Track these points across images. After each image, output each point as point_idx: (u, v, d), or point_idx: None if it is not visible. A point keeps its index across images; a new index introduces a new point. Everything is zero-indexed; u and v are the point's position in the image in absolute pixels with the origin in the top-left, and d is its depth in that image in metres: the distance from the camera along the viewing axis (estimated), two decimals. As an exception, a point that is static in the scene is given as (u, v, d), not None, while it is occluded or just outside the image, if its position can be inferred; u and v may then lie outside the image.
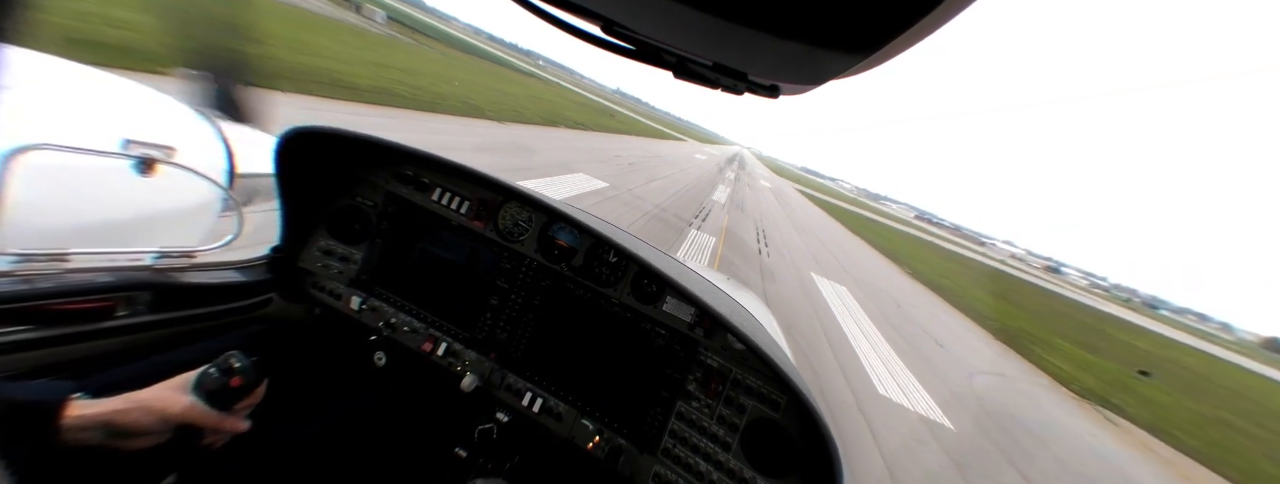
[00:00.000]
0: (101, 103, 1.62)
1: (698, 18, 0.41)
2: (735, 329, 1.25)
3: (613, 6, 0.51)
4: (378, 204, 1.72)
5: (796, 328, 7.72)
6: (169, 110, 1.81)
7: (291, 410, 1.65)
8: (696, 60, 0.57)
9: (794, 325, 7.77)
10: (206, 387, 0.92)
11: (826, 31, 0.38)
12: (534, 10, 0.58)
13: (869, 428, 5.43)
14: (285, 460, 1.60)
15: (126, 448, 0.83)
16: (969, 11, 0.35)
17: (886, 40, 0.36)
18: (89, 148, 1.29)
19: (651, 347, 1.48)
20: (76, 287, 1.14)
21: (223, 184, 1.69)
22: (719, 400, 1.40)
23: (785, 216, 26.73)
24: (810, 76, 0.52)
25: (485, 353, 1.62)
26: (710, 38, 0.48)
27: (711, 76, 0.58)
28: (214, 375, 0.93)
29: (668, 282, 1.32)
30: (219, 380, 0.93)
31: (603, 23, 0.56)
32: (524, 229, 1.62)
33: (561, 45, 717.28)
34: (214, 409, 0.92)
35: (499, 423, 1.61)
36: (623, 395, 1.49)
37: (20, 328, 1.05)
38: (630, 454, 1.44)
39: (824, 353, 7.29)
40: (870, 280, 16.52)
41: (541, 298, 1.59)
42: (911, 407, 6.54)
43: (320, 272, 1.73)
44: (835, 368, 6.90)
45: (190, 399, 0.89)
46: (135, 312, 1.26)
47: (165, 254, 1.37)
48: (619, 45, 0.58)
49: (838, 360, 7.24)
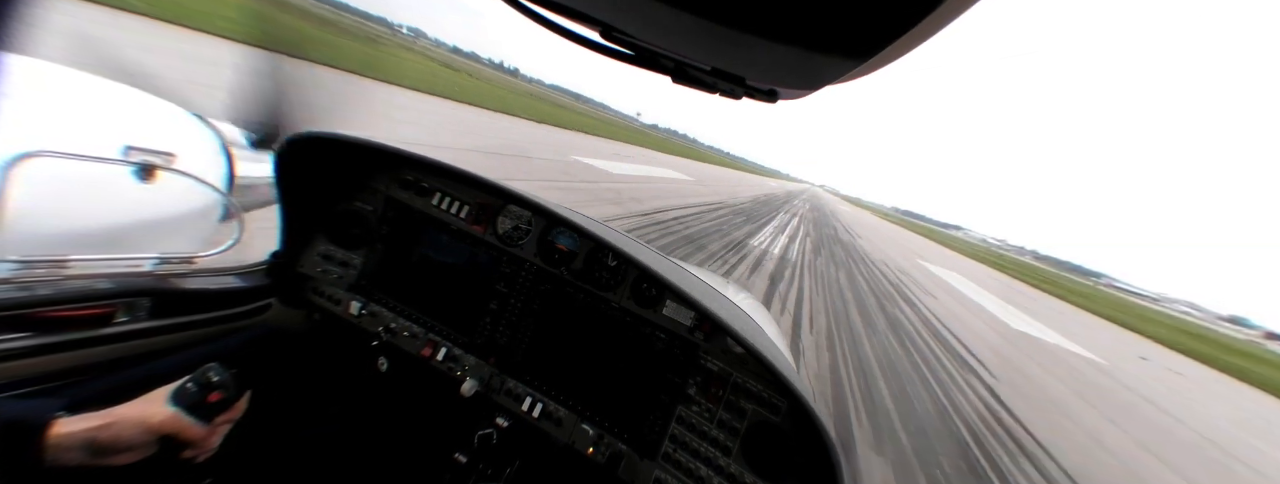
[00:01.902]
0: (102, 109, 1.63)
1: (695, 23, 0.41)
2: (735, 333, 1.25)
3: (611, 12, 0.51)
4: (378, 209, 1.72)
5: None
6: (169, 116, 1.81)
7: (290, 416, 1.65)
8: (694, 65, 0.57)
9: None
10: (185, 400, 0.91)
11: (823, 36, 0.39)
12: (533, 17, 0.59)
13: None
14: (284, 465, 1.59)
15: (111, 464, 0.82)
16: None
17: (882, 45, 0.37)
18: (89, 154, 1.29)
19: (651, 351, 1.48)
20: (76, 293, 1.14)
21: (223, 190, 1.69)
22: (719, 405, 1.39)
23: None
24: (807, 81, 0.52)
25: (485, 358, 1.61)
26: (708, 42, 0.48)
27: (709, 81, 0.59)
28: (192, 390, 0.92)
29: (667, 285, 1.32)
30: (197, 394, 0.92)
31: (601, 28, 0.56)
32: (524, 233, 1.62)
33: (599, 81, 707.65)
34: (196, 420, 0.91)
35: (499, 428, 1.61)
36: (623, 400, 1.49)
37: (20, 335, 1.05)
38: (630, 459, 1.44)
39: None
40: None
41: (541, 302, 1.59)
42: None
43: (320, 277, 1.73)
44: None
45: (171, 410, 0.89)
46: (135, 318, 1.26)
47: (165, 260, 1.37)
48: (617, 50, 0.59)
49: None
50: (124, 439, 0.82)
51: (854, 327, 9.03)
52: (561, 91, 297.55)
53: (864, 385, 6.25)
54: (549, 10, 0.56)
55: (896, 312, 11.82)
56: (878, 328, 9.58)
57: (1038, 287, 47.42)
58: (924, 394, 6.78)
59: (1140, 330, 34.07)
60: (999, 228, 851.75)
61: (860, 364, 7.02)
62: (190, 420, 0.90)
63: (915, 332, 10.37)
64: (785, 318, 7.82)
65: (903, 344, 8.99)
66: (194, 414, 0.91)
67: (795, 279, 11.09)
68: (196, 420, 0.91)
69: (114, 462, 0.82)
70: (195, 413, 0.91)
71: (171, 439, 0.87)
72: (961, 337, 11.31)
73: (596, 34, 0.58)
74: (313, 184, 1.64)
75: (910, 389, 6.78)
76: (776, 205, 32.17)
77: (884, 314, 11.05)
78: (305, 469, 1.61)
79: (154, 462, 0.87)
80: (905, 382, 7.00)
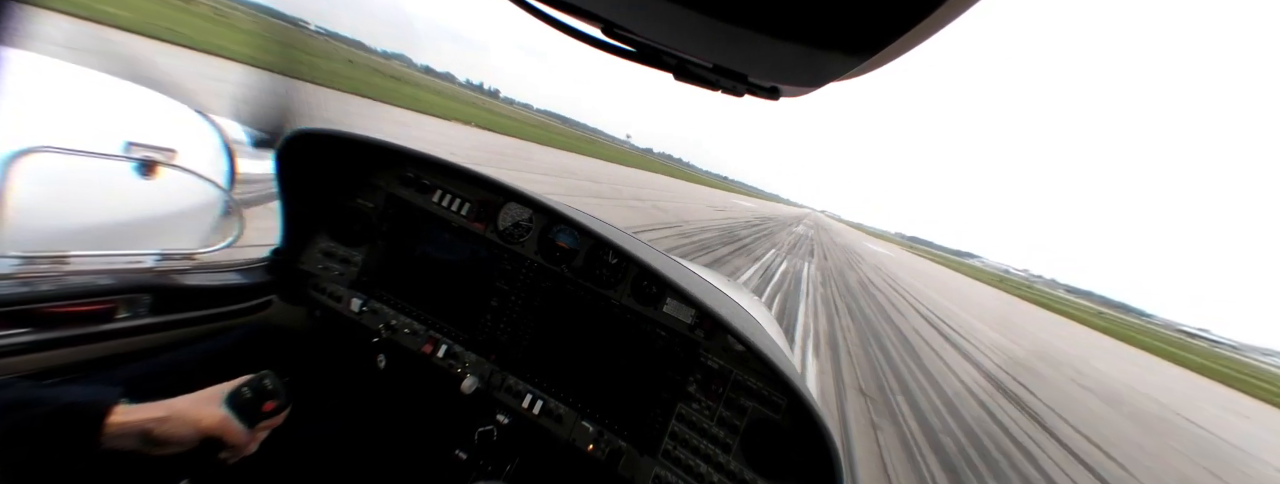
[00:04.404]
0: (103, 105, 1.63)
1: (698, 20, 0.41)
2: (735, 330, 1.25)
3: (613, 9, 0.51)
4: (379, 206, 1.72)
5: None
6: (170, 112, 1.81)
7: (291, 413, 1.65)
8: (697, 62, 0.57)
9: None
10: (239, 403, 0.92)
11: (825, 33, 0.39)
12: (535, 13, 0.58)
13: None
14: (285, 463, 1.60)
15: (154, 455, 0.83)
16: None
17: (886, 41, 0.37)
18: (90, 150, 1.29)
19: (652, 348, 1.48)
20: (77, 289, 1.14)
21: (224, 186, 1.69)
22: (719, 402, 1.39)
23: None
24: (810, 78, 0.52)
25: (485, 355, 1.61)
26: (710, 40, 0.48)
27: (712, 78, 0.58)
28: (247, 395, 0.94)
29: (668, 283, 1.31)
30: (252, 400, 0.94)
31: (603, 25, 0.56)
32: (524, 230, 1.62)
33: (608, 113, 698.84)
34: (243, 425, 0.92)
35: (499, 425, 1.61)
36: (623, 397, 1.49)
37: (21, 330, 1.05)
38: (630, 456, 1.44)
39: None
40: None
41: (542, 300, 1.59)
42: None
43: (321, 273, 1.73)
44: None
45: (224, 413, 0.90)
46: (136, 314, 1.26)
47: (166, 256, 1.37)
48: (619, 47, 0.59)
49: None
50: (176, 436, 0.83)
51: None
52: (552, 116, 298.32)
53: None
54: (551, 7, 0.55)
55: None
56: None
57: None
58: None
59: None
60: (1018, 256, 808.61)
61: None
62: (239, 426, 0.91)
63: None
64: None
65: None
66: (243, 419, 0.92)
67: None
68: (244, 426, 0.92)
69: (159, 453, 0.83)
70: (244, 418, 0.92)
71: (215, 440, 0.88)
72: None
73: (598, 31, 0.58)
74: (314, 181, 1.64)
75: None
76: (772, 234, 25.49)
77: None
78: (306, 466, 1.61)
79: (190, 457, 0.87)
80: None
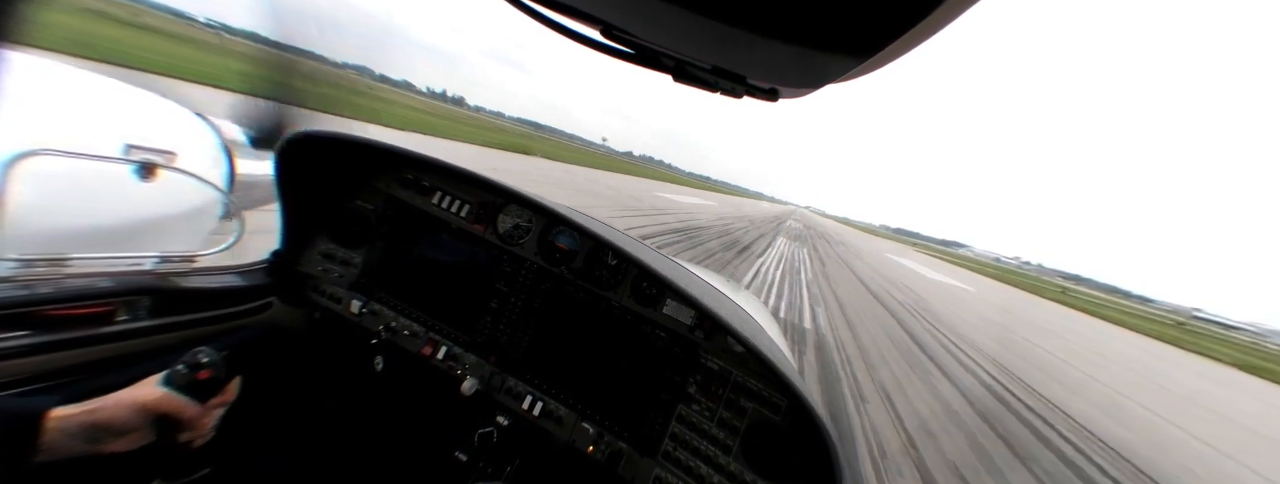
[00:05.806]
0: (103, 108, 1.63)
1: (696, 21, 0.41)
2: (735, 331, 1.25)
3: (611, 10, 0.51)
4: (378, 208, 1.72)
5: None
6: (170, 115, 1.82)
7: (291, 414, 1.65)
8: (695, 64, 0.57)
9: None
10: (177, 382, 0.92)
11: (824, 34, 0.39)
12: (533, 15, 0.58)
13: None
14: (284, 464, 1.59)
15: (111, 451, 0.81)
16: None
17: (884, 43, 0.37)
18: (90, 153, 1.29)
19: (652, 349, 1.48)
20: (77, 291, 1.14)
21: (223, 189, 1.69)
22: (719, 403, 1.39)
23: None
24: (809, 79, 0.52)
25: (485, 356, 1.61)
26: (709, 41, 0.48)
27: (710, 80, 0.58)
28: (182, 371, 0.93)
29: (668, 284, 1.31)
30: (187, 374, 0.92)
31: (602, 27, 0.56)
32: (524, 232, 1.62)
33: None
34: (188, 399, 0.90)
35: (499, 426, 1.61)
36: (623, 399, 1.49)
37: (20, 333, 1.05)
38: (630, 458, 1.44)
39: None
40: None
41: (541, 301, 1.59)
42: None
43: (321, 275, 1.72)
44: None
45: (162, 391, 0.88)
46: (136, 316, 1.26)
47: (166, 258, 1.37)
48: (618, 49, 0.59)
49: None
50: (119, 421, 0.81)
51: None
52: (526, 123, 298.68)
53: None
54: (549, 9, 0.55)
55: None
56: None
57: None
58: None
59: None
60: (1009, 243, 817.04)
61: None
62: (183, 399, 0.89)
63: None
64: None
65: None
66: (186, 394, 0.91)
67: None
68: (189, 400, 0.90)
69: (113, 448, 0.81)
70: (187, 392, 0.91)
71: (166, 420, 0.87)
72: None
73: (597, 33, 0.58)
74: (314, 183, 1.64)
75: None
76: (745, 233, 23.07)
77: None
78: (306, 467, 1.61)
79: (153, 448, 0.86)
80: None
